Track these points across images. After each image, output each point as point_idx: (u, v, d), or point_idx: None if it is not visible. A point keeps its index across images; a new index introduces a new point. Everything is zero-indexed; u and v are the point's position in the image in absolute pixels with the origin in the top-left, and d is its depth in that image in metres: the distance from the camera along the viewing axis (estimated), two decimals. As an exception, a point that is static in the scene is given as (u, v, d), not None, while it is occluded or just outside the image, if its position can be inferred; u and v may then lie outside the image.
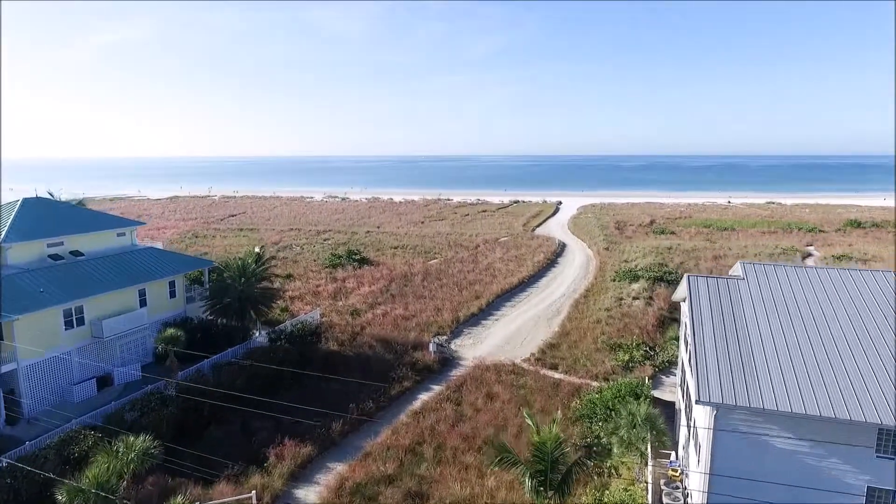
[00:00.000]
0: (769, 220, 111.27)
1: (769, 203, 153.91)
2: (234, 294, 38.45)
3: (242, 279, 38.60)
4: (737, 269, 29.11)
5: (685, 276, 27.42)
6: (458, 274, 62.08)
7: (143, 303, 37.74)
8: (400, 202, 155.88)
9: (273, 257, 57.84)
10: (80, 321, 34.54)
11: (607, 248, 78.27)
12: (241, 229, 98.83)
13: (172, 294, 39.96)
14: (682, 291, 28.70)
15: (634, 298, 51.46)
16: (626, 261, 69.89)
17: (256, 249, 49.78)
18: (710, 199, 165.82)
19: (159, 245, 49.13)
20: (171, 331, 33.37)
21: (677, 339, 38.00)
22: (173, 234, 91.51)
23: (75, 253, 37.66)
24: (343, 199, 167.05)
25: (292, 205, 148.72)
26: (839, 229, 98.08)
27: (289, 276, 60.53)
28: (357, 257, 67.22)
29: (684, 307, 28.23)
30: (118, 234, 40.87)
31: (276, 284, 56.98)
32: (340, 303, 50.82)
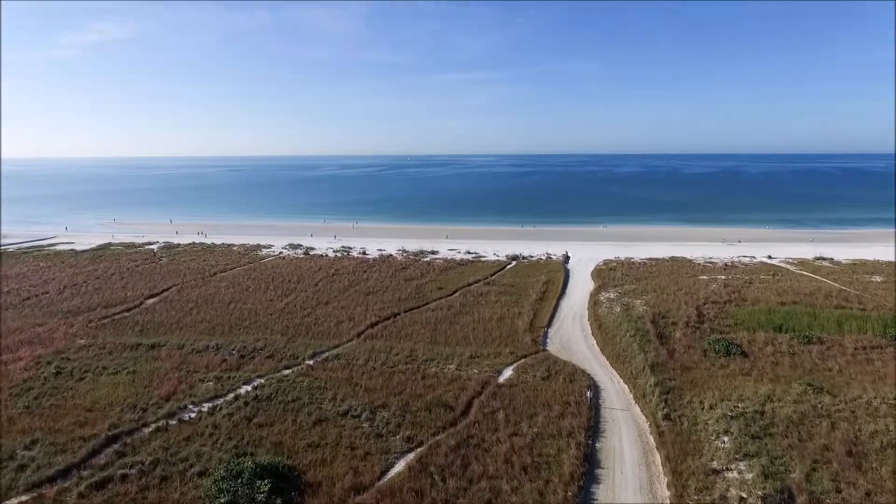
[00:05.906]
0: (850, 311, 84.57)
1: (819, 259, 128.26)
2: None
3: None
4: None
5: None
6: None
7: None
8: (372, 261, 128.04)
9: None
10: None
11: (667, 417, 51.27)
12: (140, 344, 70.55)
13: None
14: None
15: None
16: (714, 469, 43.04)
17: None
18: (746, 253, 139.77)
19: None
20: None
21: None
22: (28, 363, 63.15)
23: None
24: (305, 252, 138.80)
25: (238, 269, 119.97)
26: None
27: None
28: (268, 485, 39.44)
29: None
30: None
31: None
32: None
